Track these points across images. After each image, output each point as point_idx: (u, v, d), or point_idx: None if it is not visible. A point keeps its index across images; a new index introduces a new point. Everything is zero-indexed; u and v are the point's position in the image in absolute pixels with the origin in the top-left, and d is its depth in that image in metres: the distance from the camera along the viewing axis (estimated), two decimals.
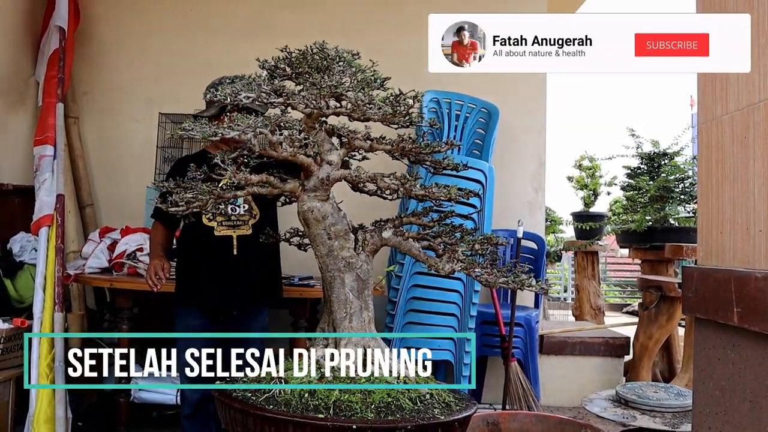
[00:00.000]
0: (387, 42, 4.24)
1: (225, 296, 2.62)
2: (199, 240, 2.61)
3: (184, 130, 1.77)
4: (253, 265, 2.64)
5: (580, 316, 6.38)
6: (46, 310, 3.04)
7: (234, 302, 2.65)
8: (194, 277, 2.67)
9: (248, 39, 4.33)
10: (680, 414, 2.37)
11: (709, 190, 1.62)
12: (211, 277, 2.61)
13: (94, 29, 4.29)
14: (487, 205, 3.65)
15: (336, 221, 1.86)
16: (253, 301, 2.70)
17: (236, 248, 2.57)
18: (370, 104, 1.76)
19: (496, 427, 2.43)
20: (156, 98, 4.20)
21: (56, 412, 2.91)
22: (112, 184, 4.24)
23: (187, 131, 1.77)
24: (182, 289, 2.71)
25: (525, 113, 4.33)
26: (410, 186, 1.84)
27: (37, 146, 3.46)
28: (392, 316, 3.49)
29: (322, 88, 1.76)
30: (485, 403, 3.97)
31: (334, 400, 1.69)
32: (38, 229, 3.21)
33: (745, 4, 1.51)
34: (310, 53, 1.84)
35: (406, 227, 1.98)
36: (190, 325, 2.63)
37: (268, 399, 1.71)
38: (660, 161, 4.89)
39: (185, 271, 2.73)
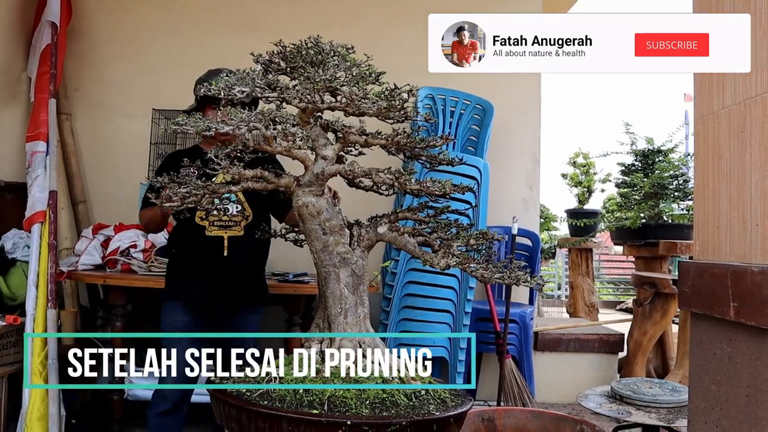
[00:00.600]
0: (379, 36, 4.24)
1: (212, 296, 2.58)
2: (190, 238, 2.57)
3: (177, 125, 1.75)
4: (242, 267, 2.61)
5: (574, 314, 6.39)
6: (39, 307, 3.02)
7: (220, 303, 2.61)
8: (183, 273, 2.63)
9: (242, 33, 4.31)
10: (675, 409, 2.37)
11: (706, 184, 1.62)
12: (199, 277, 2.58)
13: (86, 25, 4.26)
14: (481, 201, 3.65)
15: (331, 216, 1.84)
16: (239, 302, 2.66)
17: (227, 249, 2.53)
18: (365, 98, 1.75)
19: (491, 423, 2.43)
20: (149, 94, 4.18)
21: (49, 410, 2.89)
22: (105, 181, 4.22)
23: (180, 125, 1.75)
24: (171, 284, 2.68)
25: (520, 110, 4.33)
26: (404, 180, 1.83)
27: (29, 142, 3.43)
28: (387, 313, 3.49)
29: (316, 82, 1.75)
30: (480, 399, 3.98)
31: (329, 396, 1.68)
32: (31, 226, 3.18)
33: (743, 1, 1.51)
34: (304, 47, 1.83)
35: (401, 223, 1.97)
36: (176, 321, 2.59)
37: (263, 395, 1.70)
38: (654, 158, 4.89)
39: (174, 267, 2.70)
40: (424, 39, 1.72)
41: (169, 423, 2.64)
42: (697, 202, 1.68)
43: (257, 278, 2.75)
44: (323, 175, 1.82)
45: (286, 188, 1.87)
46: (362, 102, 1.76)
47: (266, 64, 1.86)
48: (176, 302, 2.61)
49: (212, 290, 2.57)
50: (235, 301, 2.64)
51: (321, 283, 1.88)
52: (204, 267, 2.56)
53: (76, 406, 3.34)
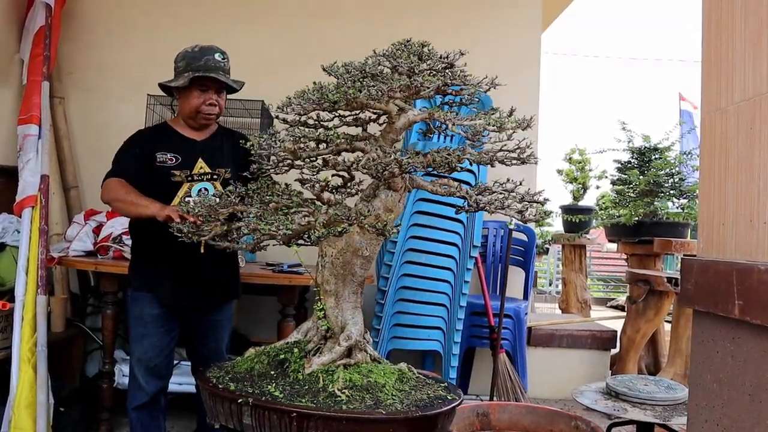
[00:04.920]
0: (376, 25, 4.21)
1: (184, 289, 2.47)
2: (164, 230, 2.13)
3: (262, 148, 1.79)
4: (218, 261, 2.48)
5: (567, 310, 6.40)
6: (28, 293, 2.98)
7: (193, 297, 2.51)
8: (153, 263, 2.48)
9: (238, 19, 4.27)
10: (671, 407, 2.37)
11: (712, 181, 1.59)
12: (171, 269, 2.44)
13: (81, 7, 4.19)
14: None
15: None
16: (213, 297, 2.58)
17: (204, 247, 2.23)
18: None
19: (485, 417, 2.42)
20: (144, 79, 4.09)
21: (38, 398, 2.84)
22: (98, 166, 4.07)
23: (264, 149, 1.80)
24: (139, 275, 2.53)
25: (518, 106, 4.28)
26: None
27: (21, 125, 3.38)
28: (381, 306, 3.46)
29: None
30: (472, 394, 3.97)
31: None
32: (21, 210, 3.14)
33: (754, 17, 1.47)
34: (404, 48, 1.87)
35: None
36: (146, 313, 2.49)
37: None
38: (651, 155, 4.89)
39: (143, 255, 2.54)
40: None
41: (147, 416, 2.56)
42: (702, 198, 1.65)
43: (232, 272, 2.66)
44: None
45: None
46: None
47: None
48: (146, 293, 2.50)
49: (185, 283, 2.46)
50: (209, 295, 2.56)
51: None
52: (177, 259, 2.40)
53: (65, 395, 3.30)
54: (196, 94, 2.46)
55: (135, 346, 2.54)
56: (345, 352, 1.78)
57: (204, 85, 2.46)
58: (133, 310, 2.54)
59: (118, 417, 3.30)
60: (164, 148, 2.48)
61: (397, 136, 1.92)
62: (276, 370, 1.77)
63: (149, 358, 2.51)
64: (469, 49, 1.94)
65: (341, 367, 1.75)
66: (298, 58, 4.06)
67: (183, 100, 2.51)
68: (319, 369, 1.72)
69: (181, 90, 2.49)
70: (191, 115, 2.50)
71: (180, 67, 2.50)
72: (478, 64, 2.04)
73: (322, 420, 1.53)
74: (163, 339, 2.53)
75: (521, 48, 4.35)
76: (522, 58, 4.32)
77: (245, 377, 1.75)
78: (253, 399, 1.58)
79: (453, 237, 3.51)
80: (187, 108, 2.50)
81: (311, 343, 1.84)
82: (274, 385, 1.68)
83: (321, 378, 1.69)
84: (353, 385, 1.69)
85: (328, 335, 1.84)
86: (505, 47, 4.30)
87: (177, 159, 2.47)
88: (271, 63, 4.16)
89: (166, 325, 2.53)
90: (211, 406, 1.70)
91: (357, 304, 1.87)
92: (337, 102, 1.74)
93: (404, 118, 1.87)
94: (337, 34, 4.22)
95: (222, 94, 2.54)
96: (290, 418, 1.53)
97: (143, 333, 2.50)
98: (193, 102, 2.47)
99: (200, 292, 2.52)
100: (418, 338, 3.52)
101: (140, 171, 2.45)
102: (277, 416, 1.54)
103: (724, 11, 1.59)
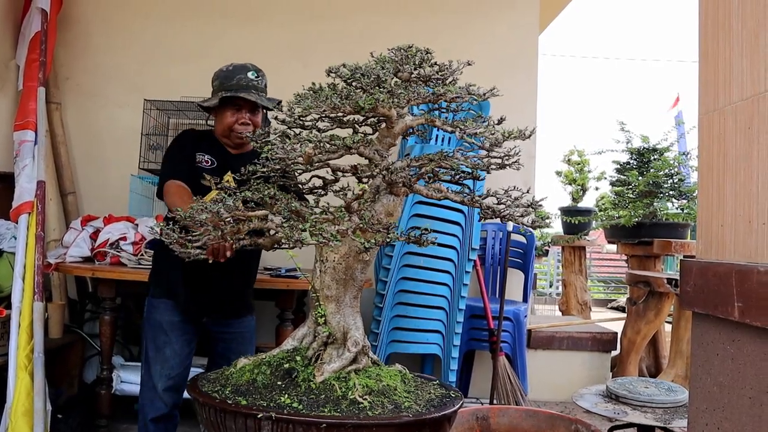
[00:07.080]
0: (374, 26, 4.20)
1: (202, 303, 2.47)
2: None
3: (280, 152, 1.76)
4: (236, 275, 2.49)
5: (567, 311, 6.38)
6: (25, 300, 2.96)
7: (213, 308, 2.52)
8: (175, 271, 2.46)
9: (236, 23, 4.26)
10: (671, 410, 2.35)
11: (710, 182, 1.58)
12: (192, 278, 2.43)
13: (77, 12, 4.19)
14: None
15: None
16: (230, 310, 2.57)
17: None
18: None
19: (485, 421, 2.40)
20: (141, 84, 4.12)
21: (35, 404, 2.82)
22: (95, 172, 4.15)
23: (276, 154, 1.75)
24: (160, 283, 2.53)
25: (515, 108, 4.29)
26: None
27: (17, 131, 3.37)
28: (380, 309, 3.45)
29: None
30: (472, 397, 3.95)
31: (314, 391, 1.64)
32: (18, 216, 3.12)
33: (751, 16, 1.46)
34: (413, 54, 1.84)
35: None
36: (166, 320, 2.46)
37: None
38: (650, 156, 4.87)
39: (165, 263, 2.51)
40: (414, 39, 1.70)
41: (163, 429, 2.50)
42: (700, 199, 1.64)
43: (248, 289, 2.67)
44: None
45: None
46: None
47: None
48: (166, 300, 2.48)
49: (204, 294, 2.46)
50: (227, 308, 2.56)
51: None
52: (197, 271, 2.34)
53: (63, 401, 3.28)
54: (229, 114, 2.45)
55: (156, 355, 2.46)
56: (353, 357, 1.76)
57: (236, 105, 2.44)
58: (153, 315, 2.49)
59: (116, 424, 3.29)
60: (204, 150, 2.49)
61: (395, 140, 1.90)
62: (283, 380, 1.73)
63: (171, 366, 2.45)
64: (466, 51, 1.93)
65: (352, 373, 1.72)
66: (296, 61, 4.06)
67: (217, 120, 2.52)
68: (331, 377, 1.69)
69: (214, 109, 2.49)
70: (225, 134, 2.50)
71: (215, 87, 2.50)
72: (475, 65, 2.03)
73: (353, 428, 1.49)
74: (184, 348, 2.48)
75: (519, 49, 4.34)
76: (519, 60, 4.32)
77: (249, 390, 1.70)
78: (275, 413, 1.52)
79: (451, 240, 3.50)
80: (220, 127, 2.50)
81: (310, 350, 1.82)
82: (287, 396, 1.63)
83: (336, 386, 1.66)
84: (370, 390, 1.66)
85: (329, 341, 1.82)
86: (503, 49, 4.29)
87: (213, 163, 2.48)
88: (268, 67, 4.14)
89: (186, 334, 2.49)
90: (215, 422, 1.62)
91: (357, 309, 1.85)
92: (363, 108, 1.70)
93: (402, 122, 1.86)
94: (336, 34, 4.20)
95: (257, 112, 2.49)
96: (319, 429, 1.48)
97: (165, 341, 2.45)
98: (226, 121, 2.46)
99: (220, 303, 2.51)
100: (417, 342, 3.51)
101: (189, 169, 2.43)
102: (303, 428, 1.49)
103: (720, 11, 1.58)
